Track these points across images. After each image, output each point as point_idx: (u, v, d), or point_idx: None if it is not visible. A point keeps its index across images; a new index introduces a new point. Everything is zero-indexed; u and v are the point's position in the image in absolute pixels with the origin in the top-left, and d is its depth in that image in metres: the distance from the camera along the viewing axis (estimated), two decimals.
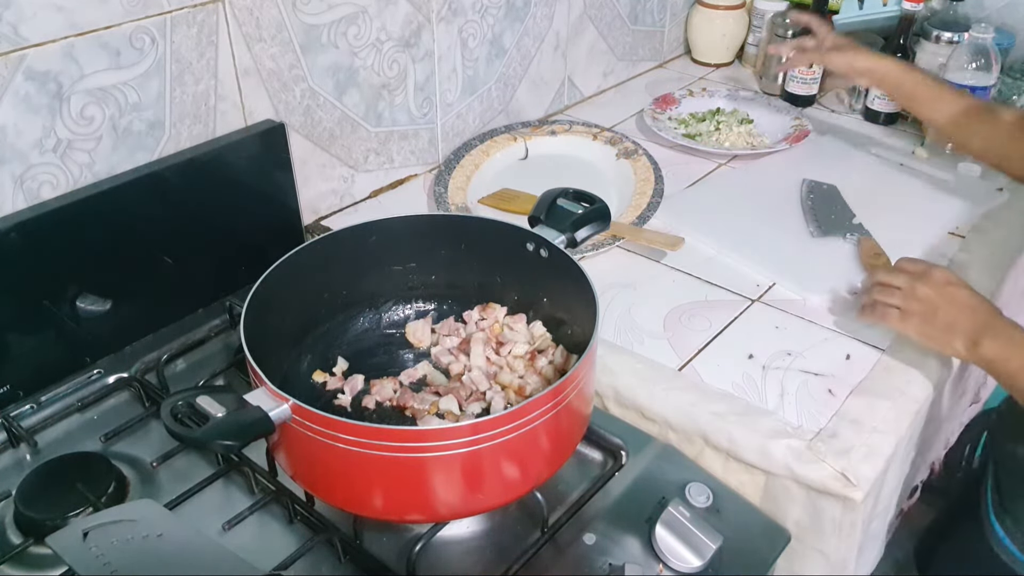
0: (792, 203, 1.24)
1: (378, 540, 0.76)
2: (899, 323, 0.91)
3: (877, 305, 0.93)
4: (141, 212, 0.93)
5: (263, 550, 0.74)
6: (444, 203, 1.19)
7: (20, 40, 0.80)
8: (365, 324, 0.94)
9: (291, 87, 1.06)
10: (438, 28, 1.22)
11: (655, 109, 1.49)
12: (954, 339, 0.87)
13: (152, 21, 0.89)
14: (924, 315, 0.89)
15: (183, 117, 0.96)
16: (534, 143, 1.37)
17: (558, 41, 1.47)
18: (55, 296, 0.89)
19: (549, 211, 0.89)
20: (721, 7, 1.69)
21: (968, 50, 1.30)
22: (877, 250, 1.09)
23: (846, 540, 0.85)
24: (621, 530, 0.77)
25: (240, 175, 1.01)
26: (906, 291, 0.91)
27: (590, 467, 0.85)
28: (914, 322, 0.90)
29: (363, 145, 1.20)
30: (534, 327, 0.91)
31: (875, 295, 0.94)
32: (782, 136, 1.42)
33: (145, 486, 0.81)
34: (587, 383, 0.75)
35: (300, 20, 1.04)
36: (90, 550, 0.61)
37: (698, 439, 0.88)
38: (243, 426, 0.64)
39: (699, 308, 1.03)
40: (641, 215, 1.17)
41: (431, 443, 0.65)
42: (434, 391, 0.86)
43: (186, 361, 0.97)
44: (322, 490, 0.73)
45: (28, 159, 0.85)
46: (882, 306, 0.93)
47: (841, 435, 0.84)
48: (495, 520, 0.78)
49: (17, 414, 0.87)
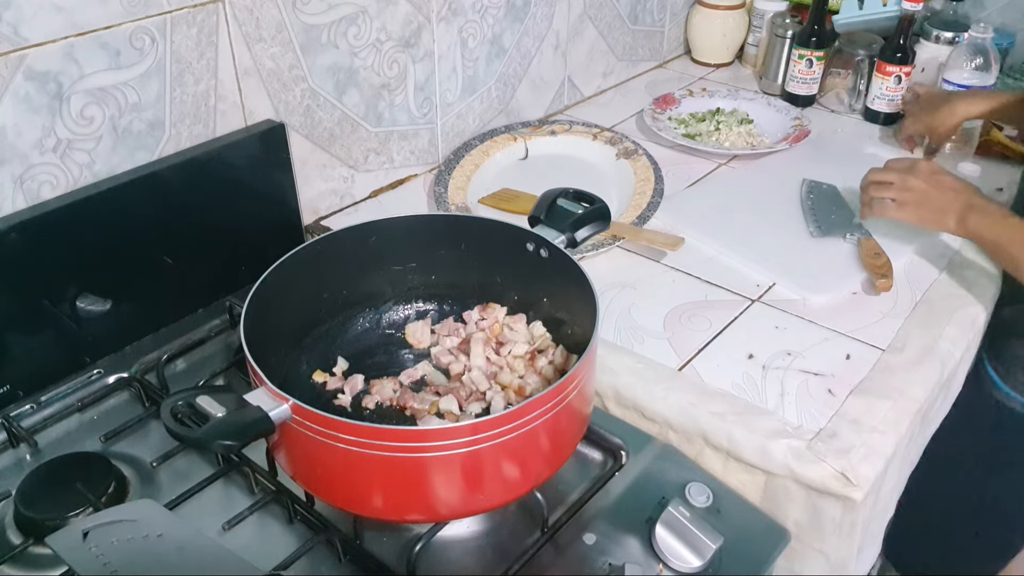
0: (792, 203, 1.24)
1: (378, 540, 0.76)
2: (897, 212, 1.04)
3: (874, 201, 1.05)
4: (141, 212, 0.93)
5: (263, 550, 0.74)
6: (444, 203, 1.19)
7: (20, 40, 0.80)
8: (365, 324, 0.94)
9: (291, 87, 1.06)
10: (438, 28, 1.22)
11: (655, 109, 1.49)
12: (946, 218, 0.99)
13: (152, 21, 0.89)
14: (918, 202, 1.02)
15: (183, 117, 0.96)
16: (534, 143, 1.37)
17: (558, 41, 1.47)
18: (55, 296, 0.89)
19: (549, 211, 0.89)
20: (721, 7, 1.69)
21: (968, 50, 1.30)
22: (877, 250, 1.09)
23: (846, 540, 0.85)
24: (621, 530, 0.77)
25: (240, 175, 1.01)
26: (898, 184, 1.03)
27: (590, 467, 0.85)
28: (910, 209, 1.03)
29: (363, 145, 1.20)
30: (534, 327, 0.91)
31: (871, 193, 1.05)
32: (782, 136, 1.42)
33: (145, 486, 0.81)
34: (587, 383, 0.75)
35: (300, 20, 1.04)
36: (90, 550, 0.61)
37: (698, 439, 0.88)
38: (243, 426, 0.64)
39: (699, 308, 1.03)
40: (641, 215, 1.17)
41: (431, 443, 0.65)
42: (434, 391, 0.86)
43: (186, 361, 0.97)
44: (322, 490, 0.73)
45: (28, 159, 0.85)
46: (879, 201, 1.04)
47: (841, 435, 0.84)
48: (495, 520, 0.78)
49: (17, 414, 0.87)
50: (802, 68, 1.53)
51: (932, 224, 1.03)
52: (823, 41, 1.51)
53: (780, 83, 1.61)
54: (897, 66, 1.43)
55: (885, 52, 1.45)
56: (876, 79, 1.47)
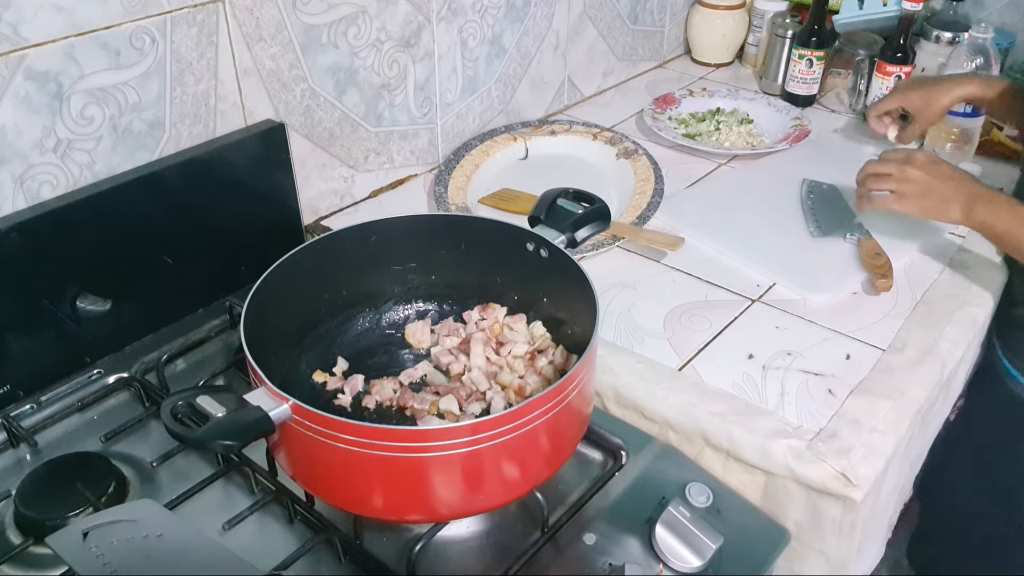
0: (792, 203, 1.24)
1: (378, 540, 0.76)
2: (897, 204, 1.01)
3: (872, 194, 1.03)
4: (141, 212, 0.93)
5: (263, 550, 0.74)
6: (444, 203, 1.19)
7: (20, 40, 0.80)
8: (365, 324, 0.94)
9: (291, 87, 1.06)
10: (438, 28, 1.22)
11: (655, 109, 1.49)
12: (950, 208, 0.97)
13: (152, 21, 0.89)
14: (919, 192, 0.99)
15: (183, 117, 0.96)
16: (534, 143, 1.37)
17: (558, 41, 1.47)
18: (55, 296, 0.89)
19: (549, 211, 0.89)
20: (721, 7, 1.69)
21: (968, 50, 1.30)
22: (877, 250, 1.09)
23: (846, 540, 0.85)
24: (621, 530, 0.77)
25: (240, 175, 1.01)
26: (897, 175, 1.00)
27: (590, 467, 0.85)
28: (911, 200, 1.00)
29: (363, 145, 1.20)
30: (534, 327, 0.91)
31: (869, 185, 1.03)
32: (782, 136, 1.42)
33: (145, 486, 0.81)
34: (587, 383, 0.75)
35: (300, 20, 1.04)
36: (90, 550, 0.61)
37: (698, 439, 0.88)
38: (243, 426, 0.64)
39: (699, 308, 1.03)
40: (641, 215, 1.17)
41: (431, 443, 0.65)
42: (434, 391, 0.86)
43: (186, 361, 0.97)
44: (322, 490, 0.73)
45: (28, 159, 0.85)
46: (877, 194, 1.02)
47: (841, 435, 0.84)
48: (495, 520, 0.78)
49: (17, 414, 0.87)
50: (802, 68, 1.53)
51: (935, 215, 1.00)
52: (823, 41, 1.52)
53: (780, 83, 1.61)
54: (897, 66, 1.43)
55: (885, 52, 1.45)
56: (876, 79, 1.47)
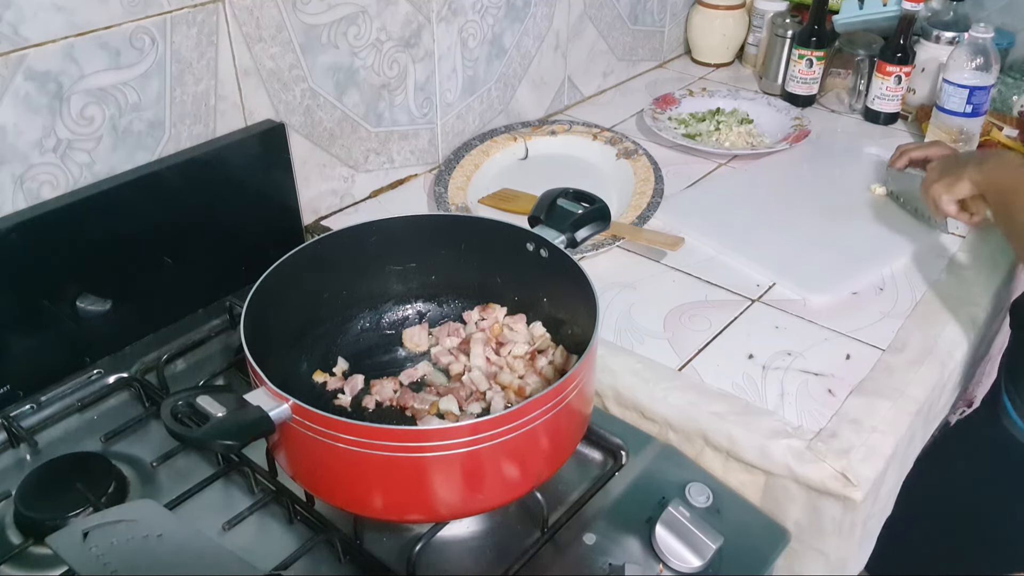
0: (792, 203, 1.24)
1: (378, 540, 0.76)
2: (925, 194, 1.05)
3: (942, 204, 1.04)
4: (141, 212, 0.93)
5: (263, 550, 0.74)
6: (444, 203, 1.19)
7: (20, 40, 0.80)
8: (365, 324, 0.94)
9: (291, 87, 1.06)
10: (438, 28, 1.22)
11: (655, 109, 1.49)
12: (965, 171, 1.01)
13: (152, 21, 0.89)
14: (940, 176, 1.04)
15: (183, 117, 0.96)
16: (534, 143, 1.37)
17: (558, 41, 1.47)
18: (55, 296, 0.89)
19: (549, 211, 0.89)
20: (721, 7, 1.69)
21: (968, 50, 1.29)
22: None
23: (846, 540, 0.85)
24: (621, 530, 0.77)
25: (240, 175, 1.01)
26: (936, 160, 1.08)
27: (590, 467, 0.85)
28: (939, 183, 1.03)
29: (363, 145, 1.20)
30: (534, 327, 0.91)
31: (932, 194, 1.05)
32: (782, 136, 1.42)
33: (145, 486, 0.81)
34: (587, 383, 0.75)
35: (300, 20, 1.04)
36: (90, 550, 0.61)
37: (698, 439, 0.88)
38: (243, 426, 0.64)
39: (699, 308, 1.03)
40: (641, 215, 1.17)
41: (431, 443, 0.65)
42: (434, 391, 0.86)
43: (186, 361, 0.97)
44: (322, 490, 0.73)
45: (28, 159, 0.85)
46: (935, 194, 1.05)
47: (841, 435, 0.84)
48: (495, 520, 0.78)
49: (17, 414, 0.87)
50: (802, 68, 1.53)
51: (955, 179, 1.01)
52: (823, 41, 1.52)
53: (780, 83, 1.61)
54: (897, 66, 1.43)
55: (885, 52, 1.45)
56: (876, 79, 1.47)
